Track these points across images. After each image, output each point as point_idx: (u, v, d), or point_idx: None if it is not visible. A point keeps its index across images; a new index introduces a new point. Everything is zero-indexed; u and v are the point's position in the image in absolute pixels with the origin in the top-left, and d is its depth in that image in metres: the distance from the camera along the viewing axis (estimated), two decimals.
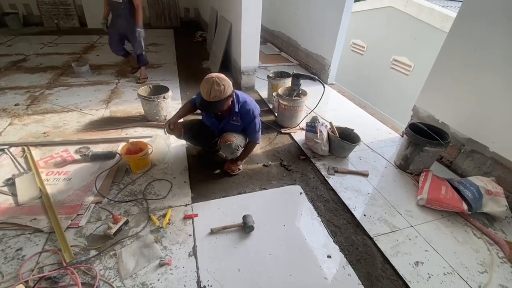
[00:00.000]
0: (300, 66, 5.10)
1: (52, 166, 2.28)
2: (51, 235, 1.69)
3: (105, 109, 3.26)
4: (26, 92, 3.54)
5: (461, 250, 1.78)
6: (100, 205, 1.94)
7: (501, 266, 1.70)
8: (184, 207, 1.97)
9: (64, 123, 2.92)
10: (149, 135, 2.71)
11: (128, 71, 4.35)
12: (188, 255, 1.64)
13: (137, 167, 2.24)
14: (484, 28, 2.17)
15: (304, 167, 2.48)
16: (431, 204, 2.03)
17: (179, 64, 4.89)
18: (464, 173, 2.45)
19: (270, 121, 3.21)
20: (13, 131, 2.73)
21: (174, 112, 3.20)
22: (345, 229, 1.90)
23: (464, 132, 2.43)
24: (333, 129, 2.65)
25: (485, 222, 2.00)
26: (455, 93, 2.47)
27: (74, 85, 3.82)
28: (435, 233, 1.89)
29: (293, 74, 2.89)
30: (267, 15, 5.59)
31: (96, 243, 1.67)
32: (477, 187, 2.01)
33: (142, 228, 1.79)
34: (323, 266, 1.63)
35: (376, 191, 2.23)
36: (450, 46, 2.46)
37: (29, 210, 1.87)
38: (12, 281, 1.44)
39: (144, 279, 1.49)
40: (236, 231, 1.81)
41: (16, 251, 1.60)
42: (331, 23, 4.05)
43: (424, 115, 2.76)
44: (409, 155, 2.37)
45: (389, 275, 1.62)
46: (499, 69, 2.12)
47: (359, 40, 6.13)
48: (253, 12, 3.39)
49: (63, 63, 4.59)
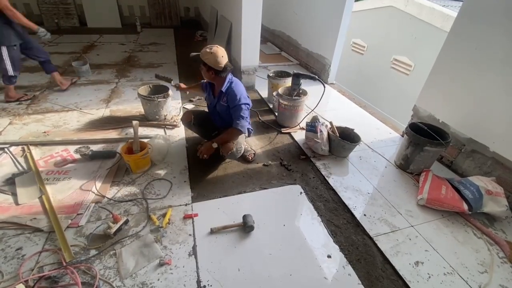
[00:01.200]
0: (301, 66, 5.09)
1: (52, 165, 2.28)
2: (51, 235, 1.69)
3: (105, 108, 3.26)
4: (27, 92, 3.53)
5: (461, 250, 1.78)
6: (100, 204, 1.94)
7: (501, 266, 1.70)
8: (184, 207, 1.97)
9: (64, 123, 2.92)
10: (149, 134, 2.71)
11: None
12: (188, 254, 1.64)
13: (137, 166, 2.24)
14: (485, 28, 2.17)
15: (304, 167, 2.48)
16: (431, 204, 2.03)
17: (179, 64, 4.88)
18: (465, 173, 2.45)
19: (270, 121, 3.20)
20: (13, 130, 2.73)
21: (174, 112, 3.23)
22: (345, 229, 1.90)
23: (464, 132, 2.43)
24: (333, 129, 2.65)
25: (485, 222, 1.99)
26: (455, 92, 2.47)
27: (74, 85, 3.82)
28: (435, 233, 1.89)
29: (293, 74, 2.89)
30: (268, 14, 5.58)
31: (96, 242, 1.67)
32: (477, 187, 2.01)
33: (142, 227, 1.78)
34: (323, 266, 1.63)
35: (376, 191, 2.23)
36: (450, 45, 2.45)
37: (29, 209, 1.86)
38: (12, 280, 1.44)
39: (144, 279, 1.49)
40: (236, 231, 1.81)
41: (16, 250, 1.60)
42: (331, 22, 4.05)
43: (425, 115, 2.76)
44: (410, 155, 2.36)
45: (389, 275, 1.62)
46: (500, 68, 2.11)
47: (359, 39, 6.12)
48: (253, 11, 3.39)
49: (63, 63, 4.58)
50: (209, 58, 2.02)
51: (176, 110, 3.27)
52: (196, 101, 3.57)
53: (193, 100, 3.58)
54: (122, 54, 5.25)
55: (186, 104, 3.47)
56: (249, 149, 2.58)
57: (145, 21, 7.65)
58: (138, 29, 6.97)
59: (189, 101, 3.55)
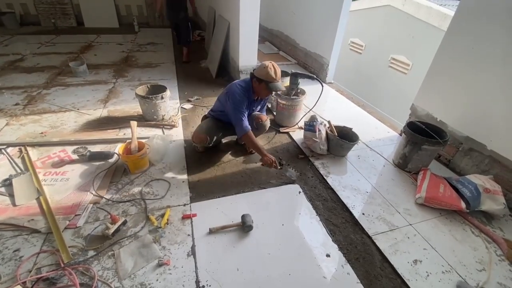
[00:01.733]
0: (299, 65, 5.10)
1: (50, 166, 2.27)
2: (49, 236, 1.69)
3: (102, 108, 3.25)
4: (23, 92, 3.52)
5: (459, 248, 1.78)
6: (98, 205, 1.93)
7: (499, 264, 1.71)
8: (182, 207, 1.96)
9: (62, 123, 2.91)
10: (147, 135, 2.70)
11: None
12: (186, 255, 1.63)
13: (135, 167, 2.24)
14: (483, 27, 2.18)
15: (302, 166, 2.48)
16: (430, 202, 2.04)
17: (177, 64, 4.87)
18: (462, 171, 2.46)
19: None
20: (10, 131, 2.72)
21: (172, 112, 3.22)
22: (343, 228, 1.90)
23: (462, 131, 2.43)
24: (332, 128, 2.65)
25: (483, 220, 2.00)
26: (453, 91, 2.48)
27: (72, 85, 3.81)
28: (433, 231, 1.89)
29: (291, 73, 2.89)
30: (266, 14, 5.59)
31: (94, 243, 1.66)
32: (475, 185, 2.01)
33: (141, 228, 1.78)
34: (322, 265, 1.64)
35: (375, 190, 2.23)
36: (448, 44, 2.46)
37: (27, 210, 1.85)
38: (9, 282, 1.43)
39: (142, 279, 1.49)
40: (235, 231, 1.81)
41: (13, 252, 1.59)
42: (329, 22, 4.05)
43: (422, 114, 2.77)
44: (408, 154, 2.37)
45: (388, 273, 1.62)
46: (498, 67, 2.12)
47: (357, 39, 6.13)
48: (251, 10, 3.38)
49: (61, 63, 4.56)
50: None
51: (174, 110, 3.26)
52: (195, 100, 3.56)
53: (191, 100, 3.57)
54: (120, 54, 5.23)
55: (184, 104, 3.46)
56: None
57: (143, 21, 7.63)
58: (135, 29, 6.96)
59: (187, 101, 3.54)
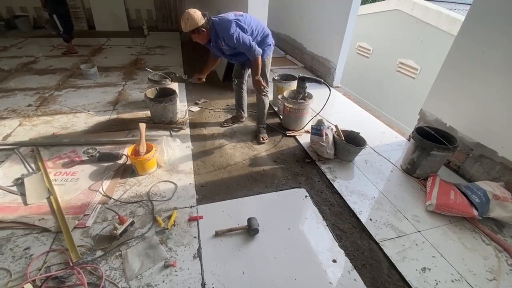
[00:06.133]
0: (306, 69, 5.10)
1: (60, 166, 2.32)
2: (59, 235, 1.72)
3: (112, 110, 3.30)
4: (36, 94, 3.60)
5: (469, 257, 1.75)
6: (106, 205, 1.96)
7: (510, 273, 1.66)
8: (189, 209, 1.98)
9: (72, 124, 2.97)
10: (155, 137, 2.74)
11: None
12: (193, 257, 1.64)
13: (143, 168, 2.26)
14: (494, 31, 2.15)
15: (309, 170, 2.47)
16: (441, 209, 2.00)
17: (185, 67, 4.93)
18: (473, 178, 2.41)
19: (275, 124, 3.21)
20: (22, 131, 2.78)
21: (180, 114, 3.26)
22: (350, 234, 1.88)
23: (472, 137, 2.39)
24: (339, 132, 2.64)
25: (494, 229, 1.96)
26: (463, 96, 2.44)
27: (82, 87, 3.89)
28: (442, 238, 1.86)
29: (299, 77, 2.89)
30: (273, 17, 5.60)
31: (102, 243, 1.68)
32: (484, 191, 1.98)
33: (148, 229, 1.80)
34: (328, 271, 1.62)
35: (382, 195, 2.21)
36: (458, 49, 2.43)
37: (38, 209, 1.89)
38: (19, 280, 1.46)
39: (149, 280, 1.50)
40: (241, 234, 1.81)
41: (24, 250, 1.62)
42: (337, 26, 4.05)
43: (431, 119, 2.73)
44: (416, 159, 2.34)
45: (395, 281, 1.60)
46: (509, 72, 2.09)
47: (365, 43, 6.11)
48: (259, 14, 3.41)
49: (72, 65, 4.67)
50: (191, 24, 2.18)
51: (182, 113, 3.29)
52: (202, 103, 3.60)
53: (199, 103, 3.60)
54: (129, 57, 5.33)
55: (192, 106, 3.49)
56: (263, 132, 2.87)
57: (152, 25, 7.75)
58: (145, 32, 7.08)
59: (194, 103, 3.58)
